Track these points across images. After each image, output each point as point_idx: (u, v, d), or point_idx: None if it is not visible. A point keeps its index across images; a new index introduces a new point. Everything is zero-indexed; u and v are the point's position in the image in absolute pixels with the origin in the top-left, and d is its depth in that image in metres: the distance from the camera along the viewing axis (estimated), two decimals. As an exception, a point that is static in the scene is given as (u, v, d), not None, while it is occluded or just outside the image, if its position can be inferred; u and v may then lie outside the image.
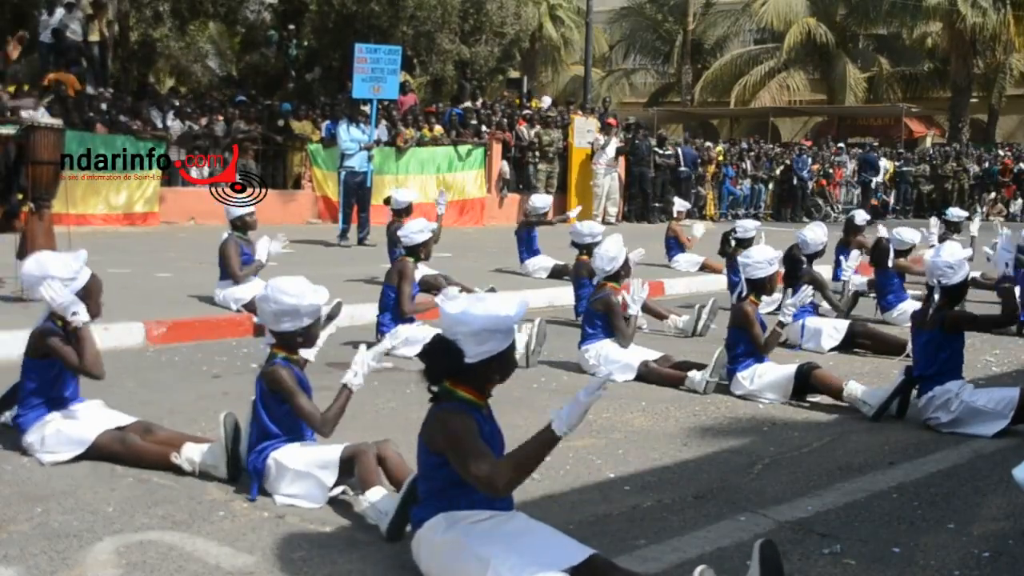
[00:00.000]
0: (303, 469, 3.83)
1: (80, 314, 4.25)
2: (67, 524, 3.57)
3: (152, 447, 4.27)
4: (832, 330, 7.49)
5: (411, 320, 6.88)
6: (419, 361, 3.19)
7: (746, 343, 5.98)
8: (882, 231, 9.67)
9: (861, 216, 10.32)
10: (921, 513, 3.97)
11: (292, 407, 3.91)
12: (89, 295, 4.40)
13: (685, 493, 4.13)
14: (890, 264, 8.83)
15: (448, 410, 3.11)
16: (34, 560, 3.26)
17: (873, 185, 25.05)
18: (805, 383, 5.77)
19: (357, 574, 3.26)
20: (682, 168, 21.78)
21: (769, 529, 3.72)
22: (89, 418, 4.40)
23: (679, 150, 22.17)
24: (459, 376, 3.13)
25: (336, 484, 3.84)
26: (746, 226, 9.45)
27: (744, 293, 6.08)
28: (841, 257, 9.55)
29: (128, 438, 4.30)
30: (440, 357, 3.11)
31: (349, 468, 3.81)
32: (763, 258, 6.07)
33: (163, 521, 3.64)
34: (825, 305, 8.18)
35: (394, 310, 6.86)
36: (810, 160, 24.20)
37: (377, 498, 3.60)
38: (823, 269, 9.08)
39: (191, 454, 4.16)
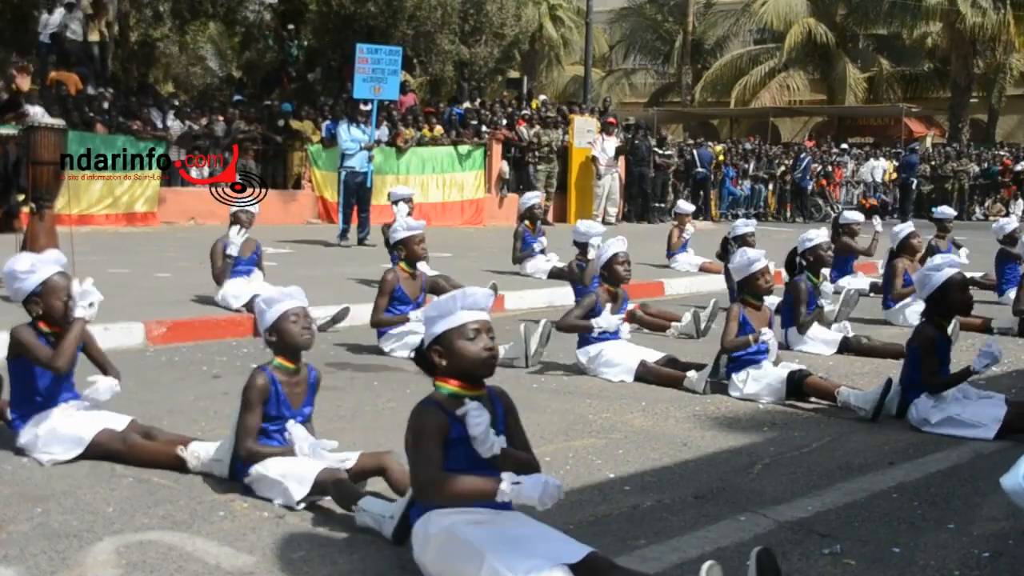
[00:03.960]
0: (277, 478, 3.82)
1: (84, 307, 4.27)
2: (67, 524, 3.57)
3: (155, 446, 4.27)
4: (821, 344, 7.42)
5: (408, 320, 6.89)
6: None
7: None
8: (878, 227, 9.63)
9: (849, 216, 10.36)
10: (921, 513, 3.97)
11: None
12: (50, 293, 4.32)
13: (685, 493, 4.13)
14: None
15: (420, 406, 3.17)
16: (34, 560, 3.26)
17: (915, 185, 25.07)
18: (798, 389, 5.77)
19: (357, 574, 3.25)
20: (699, 169, 21.84)
21: (769, 529, 3.72)
22: (86, 417, 4.38)
23: (695, 152, 22.24)
24: (436, 369, 3.20)
25: (308, 498, 3.80)
26: (736, 225, 9.49)
27: (735, 294, 6.10)
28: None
29: (130, 437, 4.29)
30: (418, 352, 3.27)
31: (323, 489, 3.76)
32: (741, 260, 6.08)
33: (163, 521, 3.64)
34: (827, 306, 8.15)
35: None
36: (810, 160, 24.20)
37: (371, 506, 3.56)
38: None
39: (197, 449, 4.16)
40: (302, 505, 3.77)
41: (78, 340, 4.33)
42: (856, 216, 10.54)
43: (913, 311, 8.44)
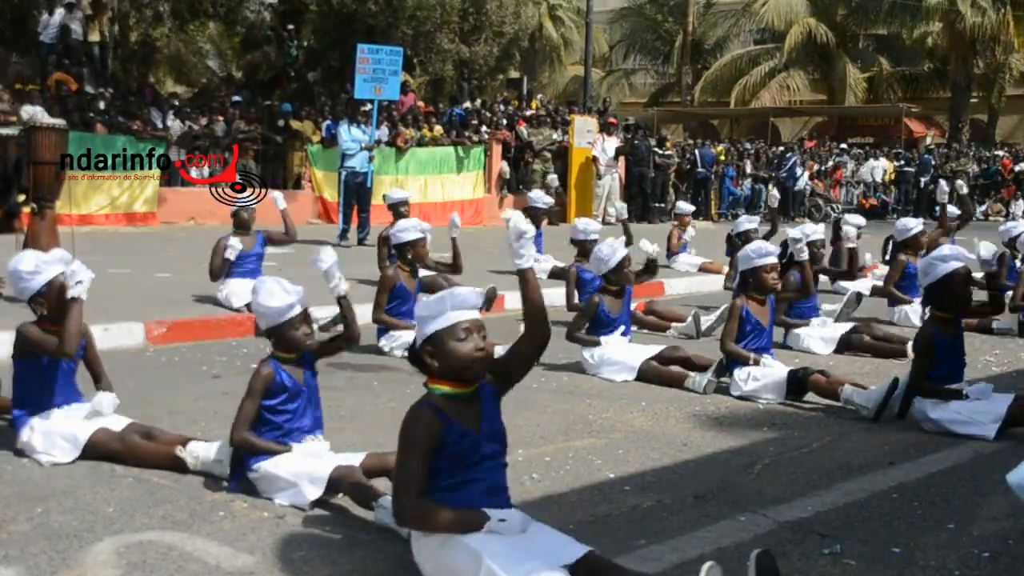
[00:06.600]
0: (291, 478, 3.82)
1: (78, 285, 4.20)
2: (67, 524, 3.57)
3: (154, 446, 4.27)
4: (820, 342, 7.42)
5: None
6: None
7: (743, 341, 5.98)
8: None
9: (852, 220, 10.35)
10: (921, 513, 3.97)
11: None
12: (55, 294, 4.32)
13: (685, 493, 4.13)
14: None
15: (414, 409, 3.13)
16: (34, 560, 3.26)
17: (923, 184, 25.05)
18: (800, 387, 5.76)
19: (357, 574, 3.26)
20: (700, 169, 21.84)
21: (769, 529, 3.72)
22: (83, 419, 4.38)
23: (697, 152, 22.25)
24: (429, 369, 3.16)
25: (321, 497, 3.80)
26: (739, 221, 9.47)
27: (736, 287, 6.10)
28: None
29: (128, 437, 4.29)
30: (411, 352, 3.24)
31: (338, 487, 3.77)
32: (756, 250, 6.06)
33: (163, 521, 3.64)
34: (827, 307, 8.15)
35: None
36: (796, 160, 24.12)
37: (391, 505, 3.56)
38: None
39: (196, 449, 4.16)
40: (313, 505, 3.77)
41: (79, 321, 4.24)
42: (858, 220, 10.52)
43: (914, 310, 8.44)
